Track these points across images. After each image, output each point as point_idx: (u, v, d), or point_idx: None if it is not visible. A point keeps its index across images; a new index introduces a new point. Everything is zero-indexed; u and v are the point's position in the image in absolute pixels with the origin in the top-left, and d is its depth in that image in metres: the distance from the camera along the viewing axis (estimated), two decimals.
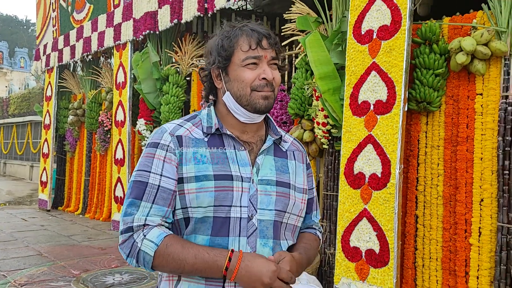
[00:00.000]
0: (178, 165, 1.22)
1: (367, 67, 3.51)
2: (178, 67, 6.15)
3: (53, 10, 8.97)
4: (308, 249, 1.37)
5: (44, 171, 8.94)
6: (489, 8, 3.21)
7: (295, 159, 1.39)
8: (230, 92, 1.27)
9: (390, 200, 3.27)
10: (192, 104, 6.08)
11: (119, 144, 6.76)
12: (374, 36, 3.49)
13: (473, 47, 3.12)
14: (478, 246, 3.19)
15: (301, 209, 1.35)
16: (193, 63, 6.07)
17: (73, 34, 8.16)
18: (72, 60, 8.26)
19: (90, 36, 7.56)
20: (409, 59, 3.33)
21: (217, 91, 1.34)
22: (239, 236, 1.21)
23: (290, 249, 1.33)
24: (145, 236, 1.16)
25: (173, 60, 6.23)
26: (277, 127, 1.39)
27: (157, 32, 6.06)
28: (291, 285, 1.21)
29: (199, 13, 5.22)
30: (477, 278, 3.19)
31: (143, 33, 6.13)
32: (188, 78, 6.28)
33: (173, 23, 5.64)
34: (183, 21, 5.48)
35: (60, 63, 8.67)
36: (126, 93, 6.62)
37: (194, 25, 7.04)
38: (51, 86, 9.01)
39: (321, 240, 1.51)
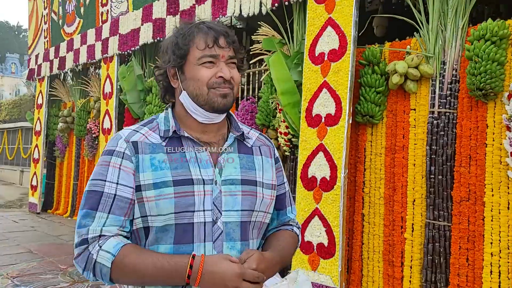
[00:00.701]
0: (135, 173, 1.18)
1: (319, 85, 4.03)
2: None
3: (45, 23, 9.44)
4: (283, 247, 1.32)
5: (35, 175, 9.37)
6: (420, 36, 3.75)
7: (261, 154, 1.35)
8: (186, 91, 1.23)
9: (337, 200, 3.78)
10: None
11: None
12: (325, 58, 4.02)
13: (405, 70, 3.66)
14: (411, 240, 3.71)
15: (269, 205, 1.31)
16: None
17: (63, 46, 8.63)
18: (62, 70, 8.72)
19: (79, 48, 8.04)
20: (353, 78, 3.86)
21: (174, 91, 1.29)
22: (204, 241, 1.17)
23: (263, 248, 1.31)
24: (100, 247, 1.12)
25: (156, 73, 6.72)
26: (239, 123, 1.35)
27: (140, 48, 6.55)
28: (263, 283, 1.18)
29: None
30: (410, 267, 3.71)
31: (130, 49, 6.63)
32: None
33: (155, 40, 6.15)
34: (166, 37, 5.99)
35: (51, 73, 9.13)
36: (113, 103, 7.10)
37: None
38: (42, 95, 9.46)
39: (299, 236, 1.45)
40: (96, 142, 7.96)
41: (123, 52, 6.89)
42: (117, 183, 1.17)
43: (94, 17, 7.73)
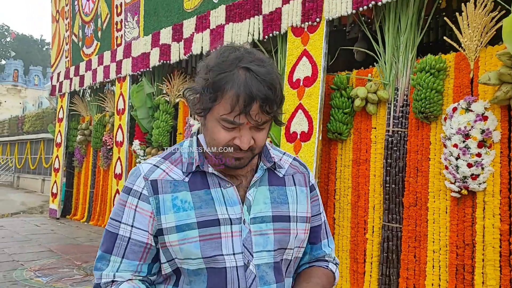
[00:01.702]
0: (155, 215, 1.08)
1: (295, 106, 4.71)
2: (167, 98, 7.40)
3: (66, 44, 10.34)
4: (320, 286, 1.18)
5: (55, 183, 10.21)
6: (379, 65, 4.40)
7: (295, 184, 1.21)
8: (204, 136, 1.12)
9: None
10: (178, 128, 7.30)
11: (118, 161, 8.00)
12: (301, 84, 4.69)
13: (365, 95, 4.31)
14: (372, 240, 4.33)
15: (303, 240, 1.20)
16: (180, 94, 7.32)
17: (82, 65, 9.49)
18: (81, 87, 9.57)
19: (97, 68, 8.87)
20: (323, 101, 4.52)
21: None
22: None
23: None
24: None
25: (164, 92, 7.48)
26: (271, 149, 1.22)
27: (150, 69, 7.33)
28: None
29: (184, 56, 6.49)
30: (371, 263, 4.32)
31: (141, 70, 7.41)
32: (176, 107, 7.53)
33: (160, 62, 6.91)
34: (171, 62, 6.76)
35: (71, 90, 9.99)
36: (125, 118, 7.88)
37: (184, 61, 8.31)
38: (63, 109, 10.33)
39: (336, 274, 1.29)
40: (111, 153, 8.73)
41: (134, 73, 7.68)
42: (132, 226, 1.09)
43: (110, 40, 8.55)
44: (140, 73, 7.61)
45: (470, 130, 3.59)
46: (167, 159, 1.15)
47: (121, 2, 8.14)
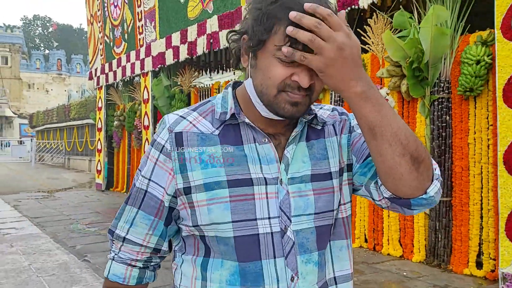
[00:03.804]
0: (176, 172, 0.95)
1: None
2: (181, 88, 9.08)
3: (100, 44, 12.18)
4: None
5: (99, 162, 12.24)
6: None
7: (336, 133, 1.04)
8: (253, 81, 0.93)
9: None
10: None
11: (146, 141, 9.83)
12: None
13: None
14: None
15: (350, 191, 1.04)
16: (191, 85, 8.99)
17: (114, 62, 11.31)
18: (115, 81, 11.42)
19: (126, 65, 10.66)
20: None
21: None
22: (274, 257, 0.93)
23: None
24: (114, 259, 1.05)
25: (178, 83, 9.16)
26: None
27: (166, 66, 9.03)
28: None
29: (188, 56, 8.11)
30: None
31: (158, 67, 9.13)
32: (188, 96, 9.21)
33: (174, 60, 8.58)
34: (180, 60, 8.41)
35: (106, 83, 11.88)
36: (149, 106, 9.66)
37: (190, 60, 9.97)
38: (101, 100, 12.26)
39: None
40: (141, 135, 10.58)
41: (154, 69, 9.40)
42: (149, 179, 0.99)
43: (134, 42, 10.29)
44: (158, 69, 9.32)
45: None
46: (195, 110, 1.01)
47: (142, 10, 9.81)
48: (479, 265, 4.26)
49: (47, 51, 61.98)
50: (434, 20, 4.21)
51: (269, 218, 0.94)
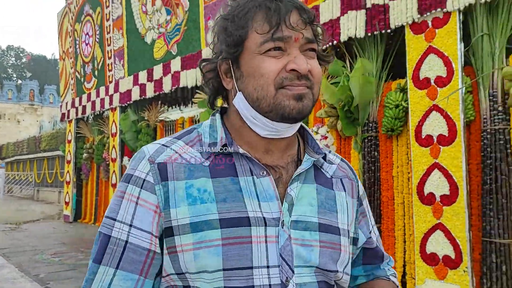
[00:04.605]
0: (163, 209, 0.80)
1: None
2: (148, 123, 9.56)
3: (72, 79, 12.62)
4: None
5: (67, 194, 12.46)
6: None
7: (344, 190, 0.94)
8: (243, 92, 0.83)
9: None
10: None
11: (114, 173, 10.20)
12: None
13: None
14: None
15: (349, 263, 0.92)
16: (157, 120, 9.49)
17: (84, 97, 11.73)
18: (84, 115, 11.82)
19: (95, 100, 11.10)
20: None
21: (228, 94, 0.89)
22: None
23: None
24: None
25: (145, 118, 9.65)
26: (318, 142, 0.92)
27: (132, 102, 9.53)
28: None
29: (157, 92, 8.64)
30: None
31: (127, 102, 9.62)
32: (154, 130, 9.69)
33: (141, 97, 9.09)
34: (147, 97, 8.93)
35: (76, 116, 12.25)
36: (117, 140, 10.08)
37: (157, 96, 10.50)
38: (71, 132, 12.60)
39: (397, 285, 1.04)
40: (109, 167, 10.94)
41: (122, 104, 9.88)
42: (130, 225, 0.80)
43: (103, 78, 10.78)
44: (126, 104, 9.80)
45: None
46: (180, 138, 0.87)
47: (111, 49, 10.35)
48: (403, 284, 4.80)
49: (20, 81, 61.61)
50: (361, 70, 4.87)
51: (267, 267, 0.79)
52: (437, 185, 4.22)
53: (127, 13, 9.68)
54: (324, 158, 0.92)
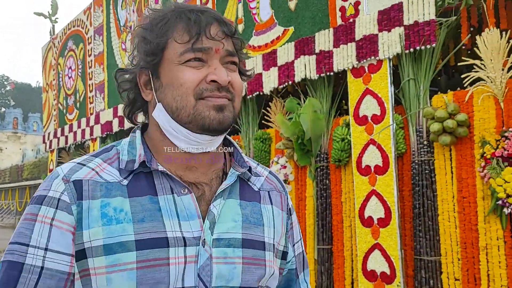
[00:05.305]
0: (76, 230, 0.76)
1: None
2: None
3: (54, 110, 13.10)
4: None
5: None
6: None
7: (271, 203, 0.94)
8: (163, 103, 0.83)
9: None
10: None
11: None
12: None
13: None
14: None
15: (277, 277, 0.91)
16: None
17: (66, 128, 12.20)
18: (66, 145, 12.26)
19: (77, 131, 11.58)
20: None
21: (148, 107, 0.90)
22: None
23: None
24: None
25: None
26: (243, 155, 0.92)
27: (113, 133, 10.04)
28: None
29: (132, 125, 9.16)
30: None
31: (106, 133, 10.13)
32: None
33: (119, 129, 9.61)
34: (125, 129, 9.46)
35: (58, 147, 12.68)
36: None
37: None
38: (53, 162, 12.98)
39: None
40: None
41: (102, 135, 10.38)
42: (46, 249, 0.75)
43: (85, 110, 11.29)
44: (106, 135, 10.30)
45: (278, 174, 6.21)
46: (97, 156, 0.86)
47: (93, 82, 10.91)
48: None
49: (3, 109, 61.54)
50: (310, 108, 5.50)
51: None
52: (374, 209, 4.80)
53: (107, 50, 10.30)
54: (250, 170, 0.91)
